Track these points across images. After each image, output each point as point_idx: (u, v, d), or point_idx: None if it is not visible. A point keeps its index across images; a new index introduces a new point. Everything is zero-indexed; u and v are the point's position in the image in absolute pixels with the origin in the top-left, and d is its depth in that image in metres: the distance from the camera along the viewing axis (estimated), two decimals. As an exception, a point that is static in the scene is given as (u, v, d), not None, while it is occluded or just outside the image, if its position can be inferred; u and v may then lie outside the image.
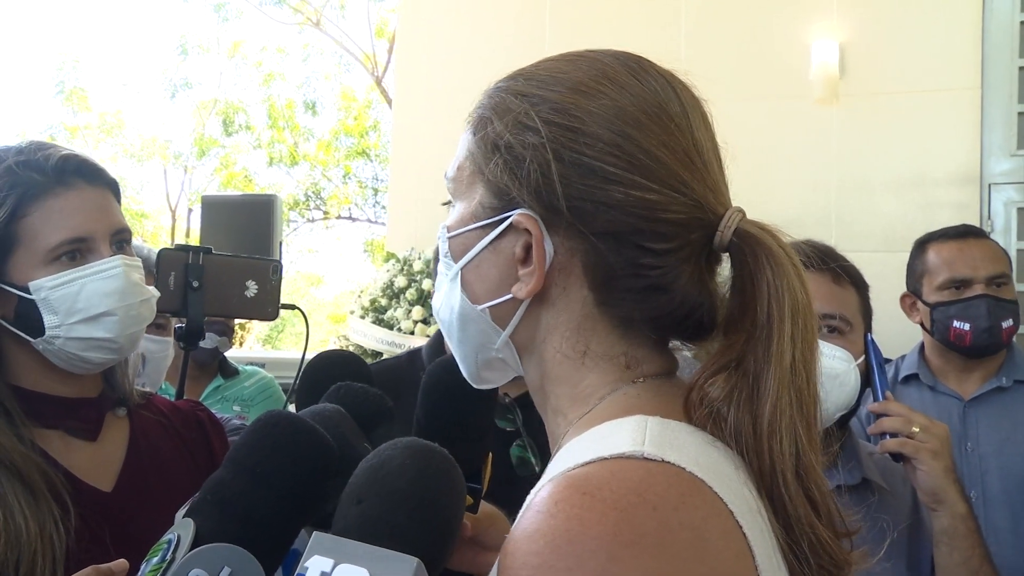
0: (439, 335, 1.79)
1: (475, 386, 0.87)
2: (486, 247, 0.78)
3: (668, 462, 0.64)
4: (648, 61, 0.80)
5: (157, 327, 2.05)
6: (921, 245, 2.43)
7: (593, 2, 4.39)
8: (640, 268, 0.74)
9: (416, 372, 1.73)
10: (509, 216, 0.76)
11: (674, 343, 0.81)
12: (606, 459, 0.64)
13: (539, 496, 0.64)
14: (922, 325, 2.38)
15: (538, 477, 1.07)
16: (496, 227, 0.77)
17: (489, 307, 0.79)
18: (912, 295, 2.41)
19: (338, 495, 0.74)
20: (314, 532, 0.68)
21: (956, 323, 2.26)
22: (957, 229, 2.44)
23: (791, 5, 4.09)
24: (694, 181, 0.75)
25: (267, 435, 0.77)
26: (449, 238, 0.82)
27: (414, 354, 1.84)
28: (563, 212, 0.74)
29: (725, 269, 0.79)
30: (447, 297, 0.82)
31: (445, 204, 0.86)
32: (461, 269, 0.80)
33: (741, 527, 0.64)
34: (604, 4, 4.36)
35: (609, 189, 0.73)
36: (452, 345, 0.85)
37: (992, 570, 1.44)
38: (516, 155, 0.75)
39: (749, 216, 0.77)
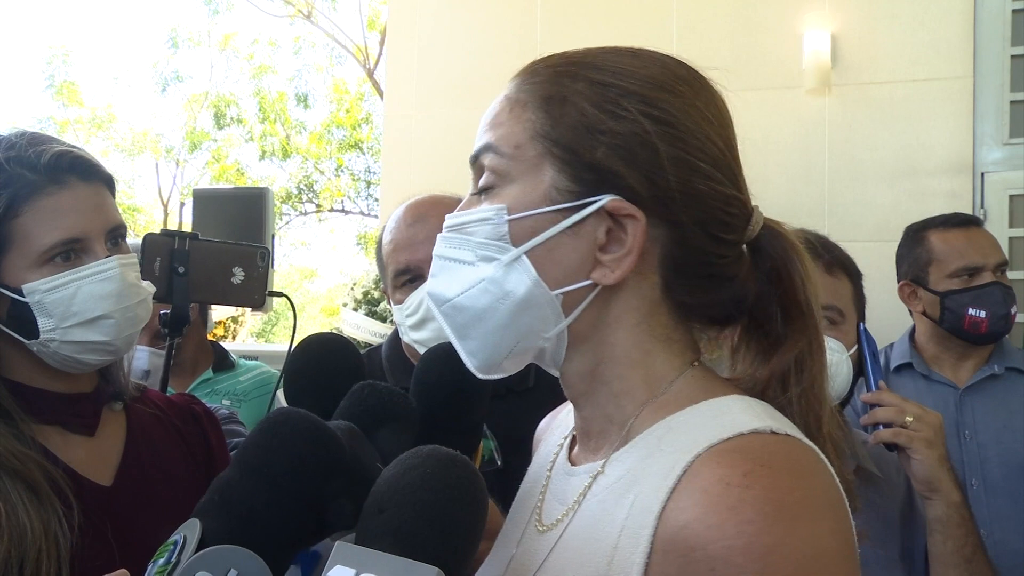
0: (395, 335, 1.76)
1: (481, 376, 0.85)
2: (564, 231, 0.78)
3: (791, 435, 0.73)
4: (693, 65, 0.85)
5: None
6: (917, 233, 2.41)
7: (584, -7, 4.38)
8: (712, 257, 0.80)
9: (374, 371, 1.73)
10: (598, 201, 0.77)
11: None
12: (744, 434, 0.71)
13: (709, 470, 0.69)
14: (924, 313, 2.37)
15: (500, 471, 1.08)
16: (578, 211, 0.78)
17: (564, 292, 0.79)
18: (913, 284, 2.39)
19: (346, 496, 0.73)
20: (337, 542, 0.67)
21: (972, 311, 2.25)
22: (958, 217, 2.44)
23: (783, -5, 4.08)
24: (739, 177, 0.82)
25: (275, 434, 0.75)
26: (510, 220, 0.79)
27: (372, 352, 1.83)
28: (664, 200, 0.78)
29: None
30: (493, 283, 0.79)
31: (477, 193, 0.84)
32: (527, 253, 0.79)
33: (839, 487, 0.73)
34: (595, -5, 4.34)
35: (696, 181, 0.78)
36: (471, 333, 0.82)
37: (985, 557, 1.45)
38: (623, 143, 0.77)
39: None
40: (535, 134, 0.80)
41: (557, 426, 1.01)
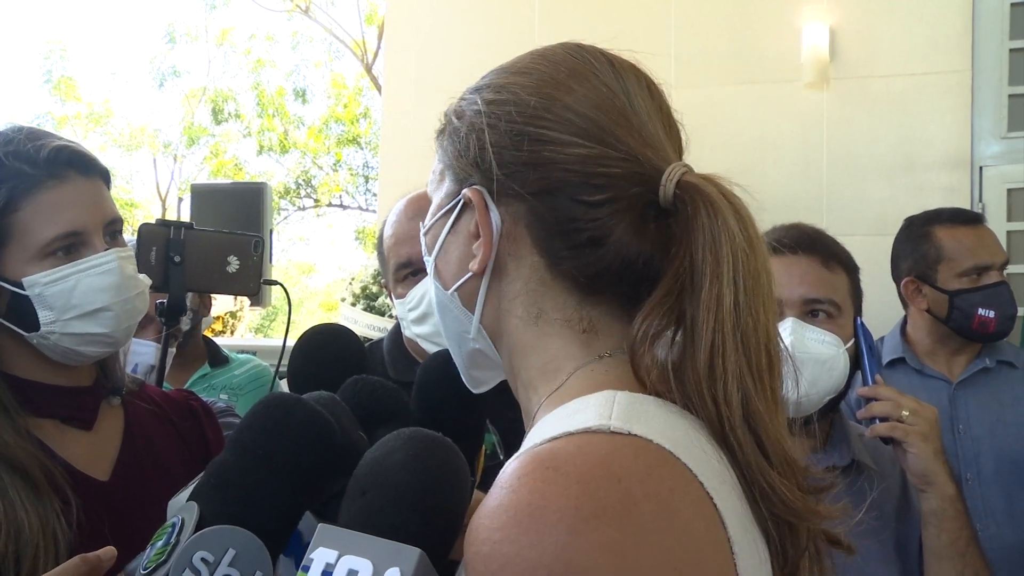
0: (397, 329, 1.78)
1: (473, 391, 0.88)
2: (448, 232, 0.82)
3: (635, 435, 0.64)
4: (591, 46, 0.83)
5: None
6: (922, 228, 2.37)
7: (583, -13, 4.37)
8: (576, 221, 0.75)
9: (375, 365, 1.73)
10: (461, 196, 0.80)
11: None
12: (572, 434, 0.64)
13: (504, 473, 0.63)
14: (929, 311, 2.34)
15: (503, 464, 1.07)
16: (453, 210, 0.81)
17: (456, 290, 0.81)
18: (918, 280, 2.35)
19: (340, 476, 0.73)
20: (319, 524, 0.68)
21: (981, 310, 2.24)
22: (965, 214, 2.41)
23: (781, -11, 4.08)
24: (628, 137, 0.76)
25: (268, 416, 0.77)
26: (424, 234, 0.86)
27: (374, 347, 1.83)
28: (499, 178, 0.77)
29: None
30: (430, 295, 0.86)
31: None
32: (435, 261, 0.83)
33: (712, 498, 0.63)
34: (593, -11, 4.34)
35: (541, 150, 0.76)
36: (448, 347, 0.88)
37: (979, 551, 1.45)
38: (460, 136, 0.81)
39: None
40: (437, 157, 0.86)
41: None
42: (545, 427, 0.70)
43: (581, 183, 0.75)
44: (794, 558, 0.72)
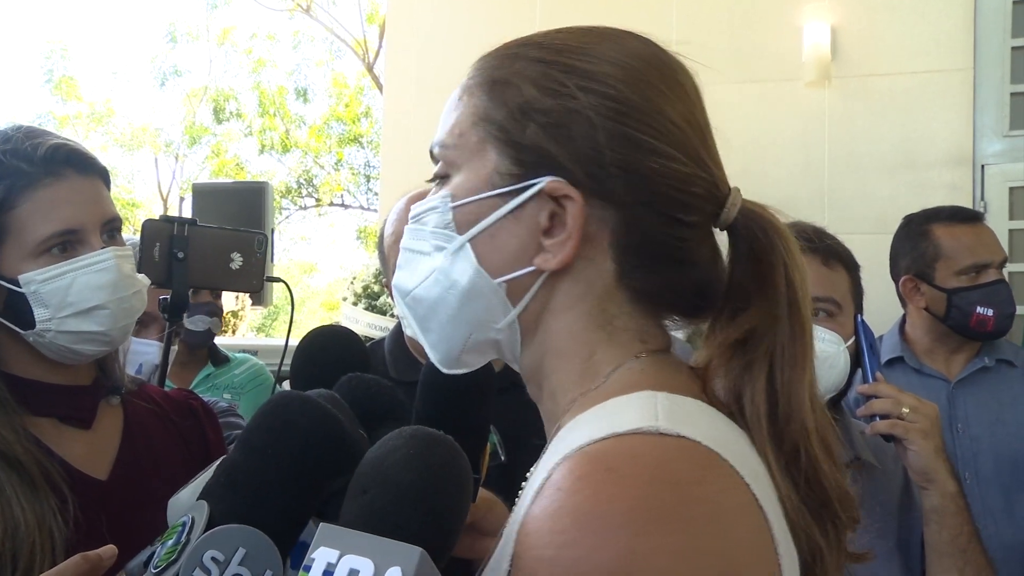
0: (398, 328, 1.77)
1: (445, 371, 0.82)
2: (505, 216, 0.75)
3: (683, 436, 0.64)
4: (655, 41, 0.80)
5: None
6: (920, 226, 2.36)
7: (584, -14, 4.37)
8: (669, 239, 0.74)
9: (377, 364, 1.73)
10: (536, 183, 0.73)
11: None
12: (621, 435, 0.64)
13: (557, 474, 0.63)
14: (927, 309, 2.33)
15: (504, 466, 1.05)
16: (519, 195, 0.74)
17: (507, 280, 0.75)
18: (916, 279, 2.34)
19: (343, 474, 0.74)
20: (320, 524, 0.68)
21: (980, 309, 2.23)
22: (964, 212, 2.40)
23: (782, -13, 4.08)
24: (708, 158, 0.76)
25: (277, 416, 0.76)
26: (453, 208, 0.76)
27: (375, 346, 1.83)
28: (603, 180, 0.72)
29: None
30: (443, 273, 0.77)
31: (432, 181, 0.82)
32: (470, 241, 0.76)
33: (757, 499, 0.64)
34: (595, -12, 4.34)
35: (645, 159, 0.72)
36: (430, 325, 0.80)
37: (980, 547, 1.46)
38: (556, 121, 0.73)
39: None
40: (477, 119, 0.77)
41: None
42: (584, 426, 0.68)
43: (678, 200, 0.73)
44: (830, 554, 0.73)
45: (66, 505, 1.14)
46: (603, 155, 0.72)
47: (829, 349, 1.50)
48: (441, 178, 0.80)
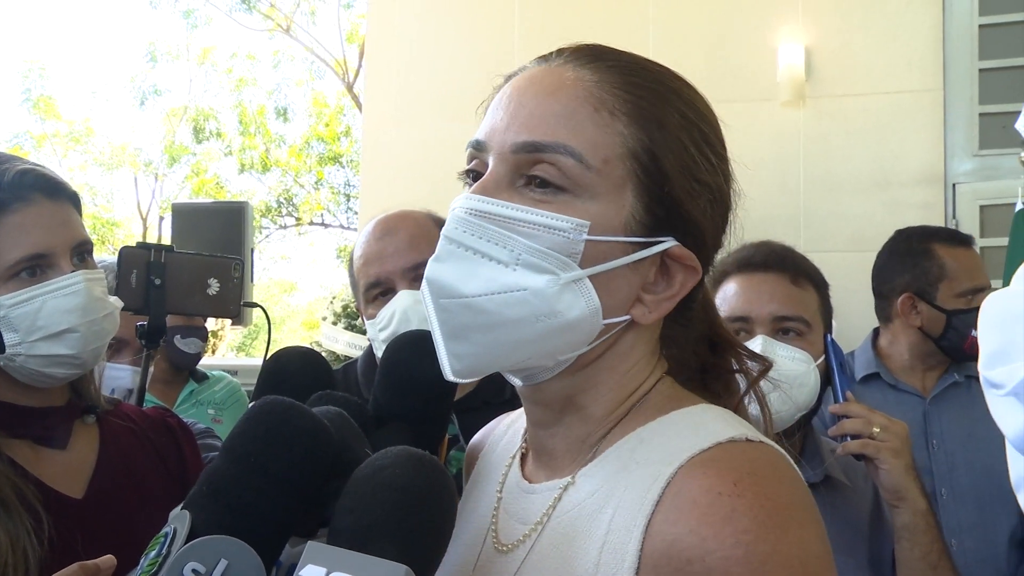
0: (370, 351, 1.75)
1: (455, 379, 0.79)
2: (625, 264, 0.75)
3: (764, 442, 0.73)
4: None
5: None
6: (921, 244, 2.32)
7: (562, 7, 4.41)
8: (693, 297, 0.83)
9: (350, 385, 1.73)
10: (665, 243, 0.76)
11: None
12: (723, 443, 0.72)
13: (694, 482, 0.69)
14: (921, 328, 2.30)
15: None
16: (646, 247, 0.75)
17: (607, 323, 0.76)
18: (916, 297, 2.29)
19: (337, 484, 0.73)
20: (308, 541, 0.68)
21: (975, 332, 2.22)
22: (960, 234, 2.41)
23: (757, 9, 4.13)
24: None
25: (260, 422, 0.75)
26: (587, 240, 0.73)
27: (348, 367, 1.83)
28: (709, 255, 0.81)
29: None
30: (539, 297, 0.72)
31: (528, 187, 0.75)
32: (593, 278, 0.74)
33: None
34: (572, 9, 4.38)
35: (724, 235, 0.83)
36: (473, 337, 0.75)
37: (950, 564, 1.47)
38: (709, 195, 0.79)
39: None
40: (627, 153, 0.74)
41: (497, 442, 0.98)
42: (671, 439, 0.75)
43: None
44: None
45: (41, 525, 1.14)
46: (715, 233, 0.81)
47: (799, 368, 1.51)
48: (549, 188, 0.74)
